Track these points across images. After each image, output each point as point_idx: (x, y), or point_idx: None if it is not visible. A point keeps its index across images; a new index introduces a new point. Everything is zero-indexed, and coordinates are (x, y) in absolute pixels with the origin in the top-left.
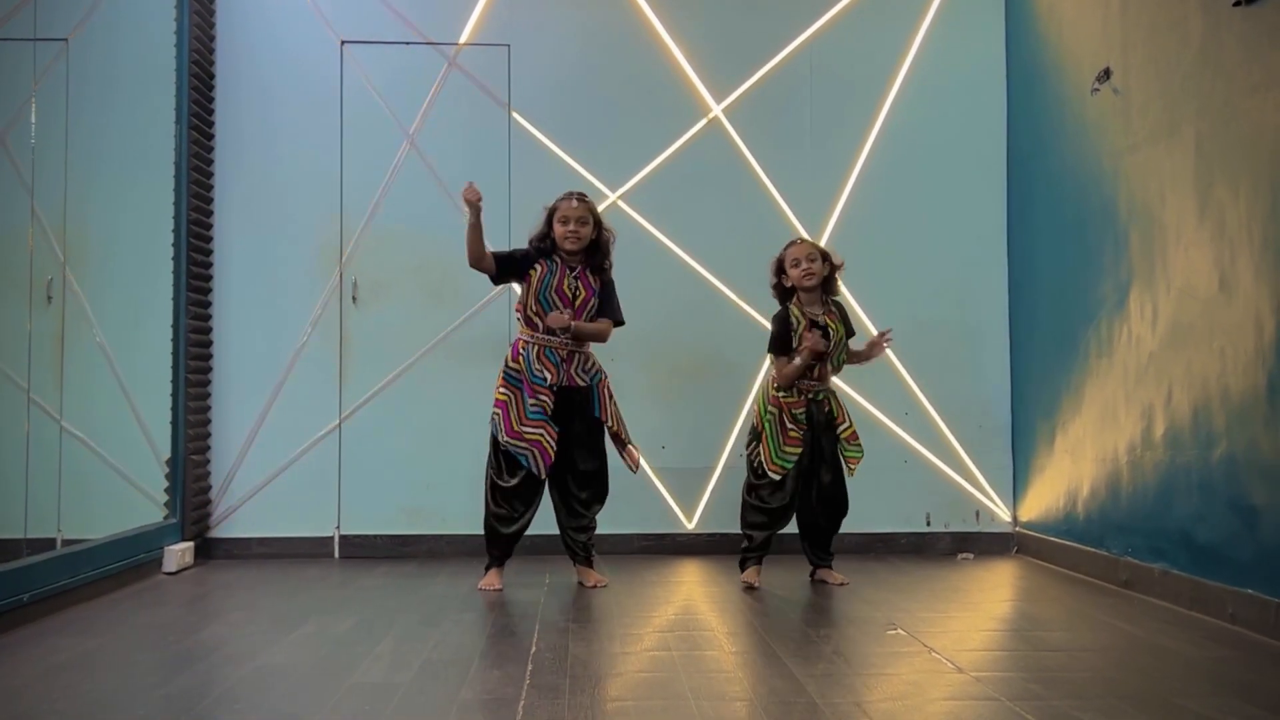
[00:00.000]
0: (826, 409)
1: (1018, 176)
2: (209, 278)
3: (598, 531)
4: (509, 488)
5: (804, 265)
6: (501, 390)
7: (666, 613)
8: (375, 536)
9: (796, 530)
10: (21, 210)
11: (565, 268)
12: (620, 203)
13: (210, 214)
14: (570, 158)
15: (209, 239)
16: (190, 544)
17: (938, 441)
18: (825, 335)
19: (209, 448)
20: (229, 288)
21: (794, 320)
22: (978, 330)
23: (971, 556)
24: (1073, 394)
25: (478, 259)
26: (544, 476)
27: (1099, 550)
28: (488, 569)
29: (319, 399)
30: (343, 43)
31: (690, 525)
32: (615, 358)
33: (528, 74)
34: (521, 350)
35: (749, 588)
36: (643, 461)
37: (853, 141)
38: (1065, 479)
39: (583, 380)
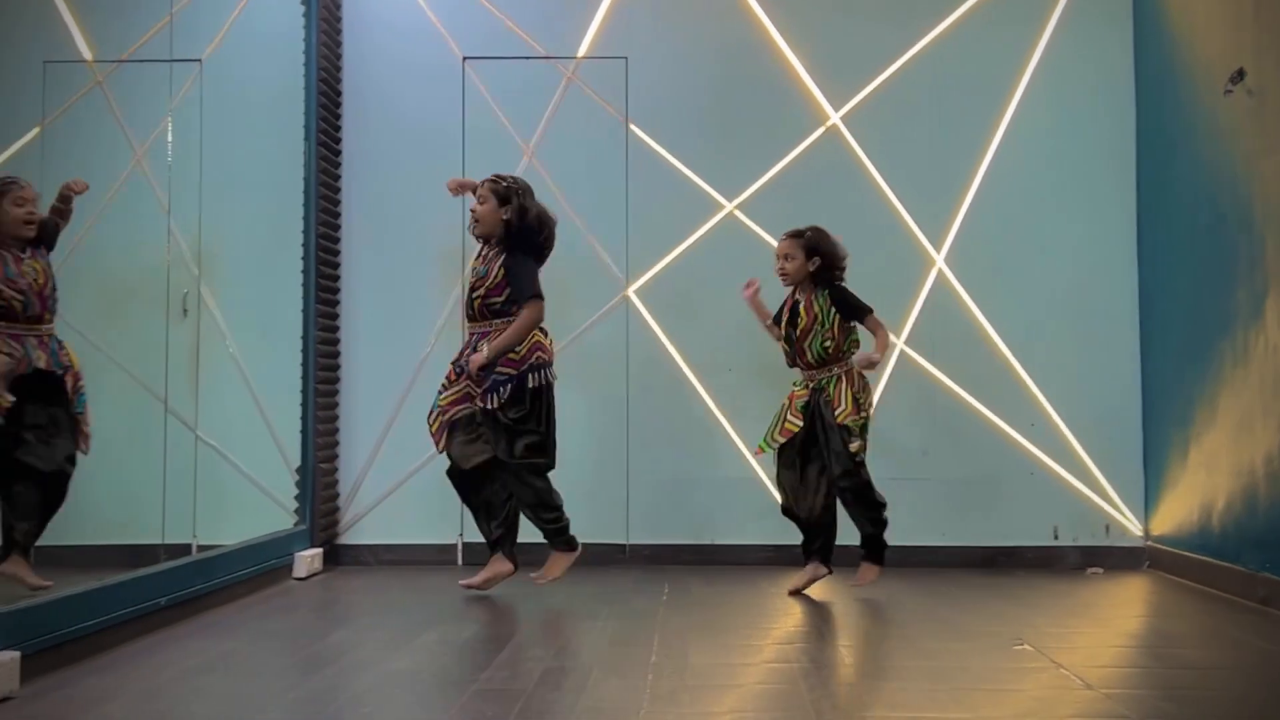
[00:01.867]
0: (826, 396)
1: (1148, 181)
2: (337, 290)
3: (718, 541)
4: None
5: (778, 264)
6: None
7: (786, 624)
8: None
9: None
10: (159, 227)
11: (480, 253)
12: (737, 212)
13: (338, 228)
14: (687, 168)
15: (336, 253)
16: (319, 550)
17: (1065, 453)
18: (795, 321)
19: (337, 456)
20: (356, 300)
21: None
22: (1107, 339)
23: (1101, 571)
24: (1207, 404)
25: None
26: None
27: (1235, 565)
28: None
29: None
30: (464, 59)
31: None
32: (732, 368)
33: (645, 86)
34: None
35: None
36: (760, 472)
37: (975, 147)
38: (1199, 492)
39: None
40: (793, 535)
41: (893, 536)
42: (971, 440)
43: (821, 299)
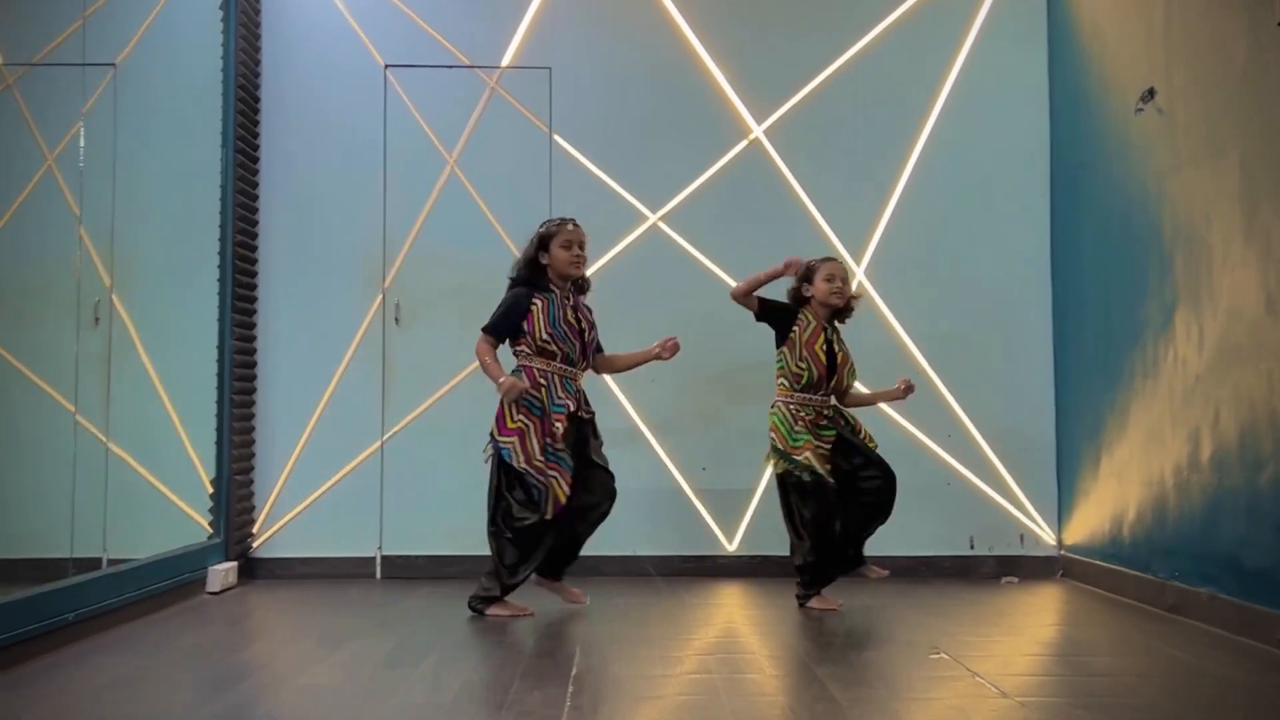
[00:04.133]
0: (842, 421)
1: (1061, 197)
2: (254, 299)
3: (642, 553)
4: (522, 527)
5: (837, 282)
6: (518, 418)
7: (707, 635)
8: (416, 557)
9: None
10: (69, 233)
11: (563, 298)
12: (661, 224)
13: (255, 236)
14: (611, 179)
15: (254, 260)
16: (234, 564)
17: (981, 464)
18: (829, 349)
19: (253, 468)
20: (273, 309)
21: (805, 320)
22: (1022, 352)
23: (1016, 580)
24: (1118, 416)
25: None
26: (550, 518)
27: (1145, 574)
28: (496, 599)
29: (362, 420)
30: (386, 67)
31: (731, 547)
32: (655, 379)
33: (569, 97)
34: (540, 379)
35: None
36: (684, 483)
37: (895, 161)
38: (1111, 502)
39: (587, 414)
40: (714, 546)
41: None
42: (889, 451)
43: (840, 333)
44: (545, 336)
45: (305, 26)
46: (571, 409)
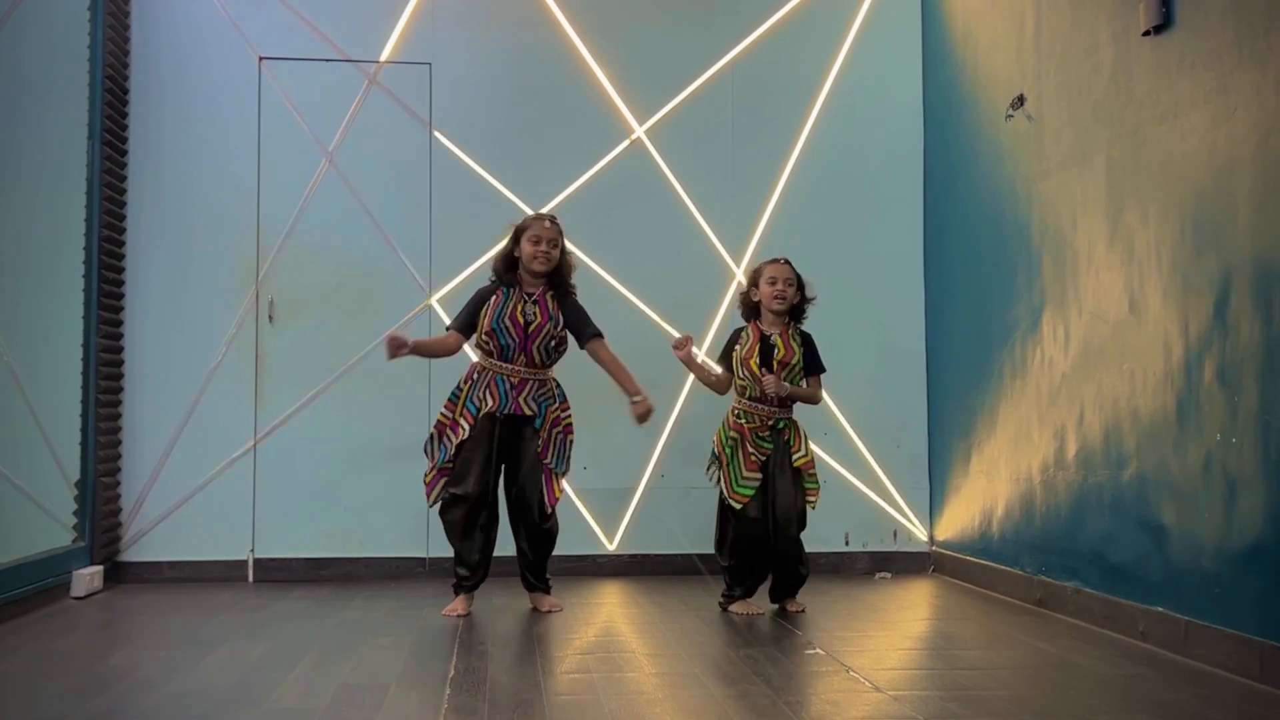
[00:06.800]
0: (785, 438)
1: (934, 201)
2: (121, 295)
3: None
4: (451, 519)
5: (779, 286)
6: (444, 412)
7: (587, 634)
8: (290, 560)
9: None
10: None
11: (521, 294)
12: None
13: (123, 230)
14: (492, 177)
15: (121, 256)
16: (99, 568)
17: (856, 461)
18: (771, 353)
19: (119, 469)
20: (142, 306)
21: (744, 337)
22: (896, 351)
23: (889, 575)
24: (988, 415)
25: (450, 352)
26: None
27: (1013, 569)
28: (456, 593)
29: (234, 420)
30: (261, 59)
31: (611, 546)
32: None
33: (450, 93)
34: (476, 375)
35: (745, 615)
36: (565, 484)
37: (774, 164)
38: (980, 499)
39: (530, 409)
40: (595, 546)
41: (688, 544)
42: None
43: (795, 338)
44: (485, 333)
45: (176, 16)
46: (489, 407)
